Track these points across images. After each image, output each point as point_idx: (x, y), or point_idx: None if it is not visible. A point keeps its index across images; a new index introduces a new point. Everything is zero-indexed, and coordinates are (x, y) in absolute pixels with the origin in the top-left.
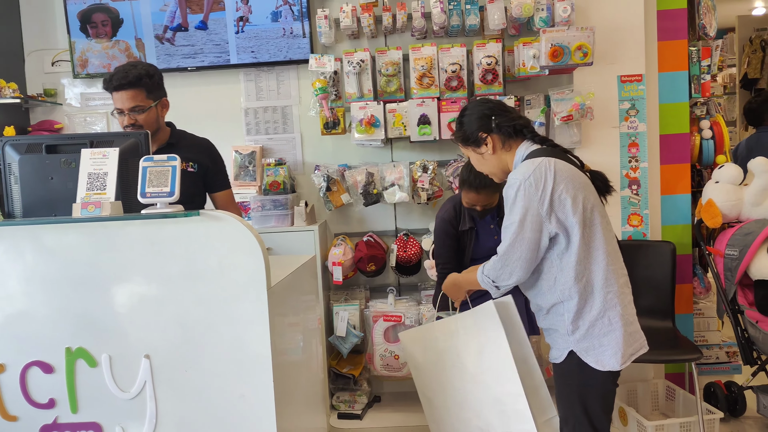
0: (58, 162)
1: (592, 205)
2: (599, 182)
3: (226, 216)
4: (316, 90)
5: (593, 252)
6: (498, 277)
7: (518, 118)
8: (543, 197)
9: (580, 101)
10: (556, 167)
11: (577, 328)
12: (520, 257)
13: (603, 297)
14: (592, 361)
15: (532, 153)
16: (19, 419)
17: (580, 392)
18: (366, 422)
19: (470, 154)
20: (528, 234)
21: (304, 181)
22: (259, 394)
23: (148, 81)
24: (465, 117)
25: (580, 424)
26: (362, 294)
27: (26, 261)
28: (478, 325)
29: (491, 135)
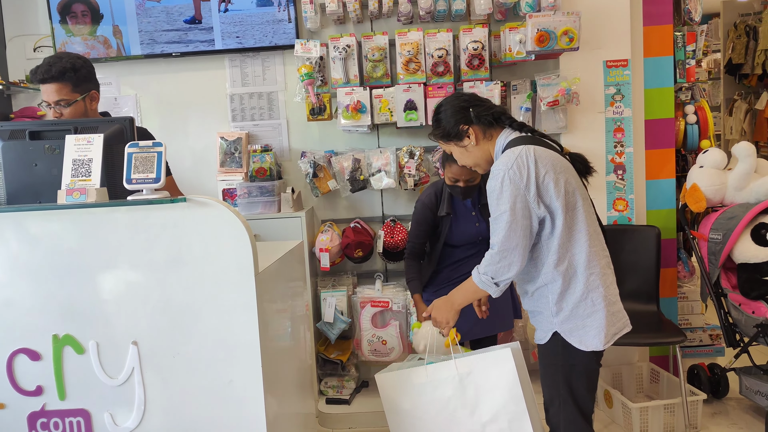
0: (42, 148)
1: (573, 188)
2: (579, 164)
3: (212, 202)
4: (302, 76)
5: (576, 234)
6: (497, 272)
7: (494, 107)
8: (528, 183)
9: (566, 86)
10: (536, 153)
11: (561, 310)
12: (518, 245)
13: (586, 278)
14: (575, 342)
15: (512, 141)
16: (6, 406)
17: (564, 372)
18: (354, 407)
19: (453, 149)
20: (521, 221)
21: (291, 167)
22: (248, 379)
23: (73, 75)
24: (441, 113)
25: (565, 403)
26: (350, 280)
27: (11, 248)
28: (486, 375)
29: (472, 126)
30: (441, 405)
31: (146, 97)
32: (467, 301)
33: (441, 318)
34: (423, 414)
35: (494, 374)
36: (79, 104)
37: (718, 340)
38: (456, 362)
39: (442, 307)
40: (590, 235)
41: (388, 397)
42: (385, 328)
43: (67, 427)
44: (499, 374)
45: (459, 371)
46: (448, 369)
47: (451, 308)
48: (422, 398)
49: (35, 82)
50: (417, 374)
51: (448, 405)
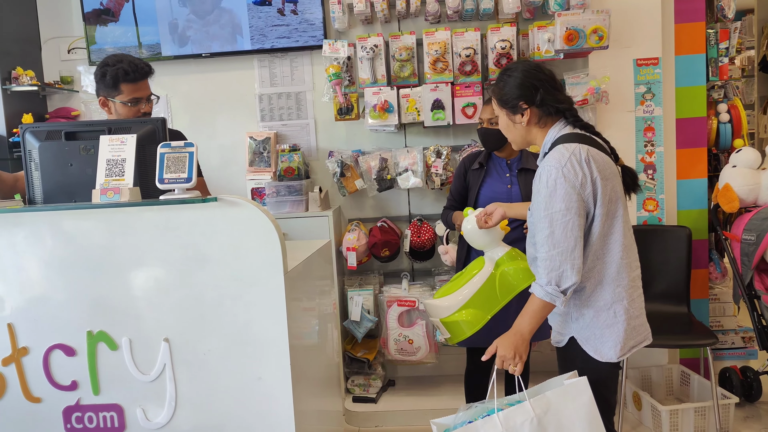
0: (77, 149)
1: (617, 196)
2: (629, 178)
3: (243, 202)
4: (330, 76)
5: (610, 244)
6: (561, 278)
7: (564, 100)
8: (585, 181)
9: (596, 85)
10: (590, 153)
11: (582, 316)
12: (576, 245)
13: (612, 289)
14: (591, 350)
15: (564, 136)
16: (42, 401)
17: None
18: (381, 405)
19: (500, 115)
20: (576, 220)
21: (318, 166)
22: (277, 376)
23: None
24: (511, 77)
25: None
26: (376, 279)
27: (47, 246)
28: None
29: (531, 108)
30: None
31: (176, 97)
32: (536, 324)
33: (508, 353)
34: None
35: (573, 408)
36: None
37: (751, 343)
38: (531, 403)
39: (509, 340)
40: (625, 247)
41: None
42: (412, 328)
43: (101, 422)
44: (577, 407)
45: (536, 412)
46: (523, 412)
47: (522, 339)
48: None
49: (130, 81)
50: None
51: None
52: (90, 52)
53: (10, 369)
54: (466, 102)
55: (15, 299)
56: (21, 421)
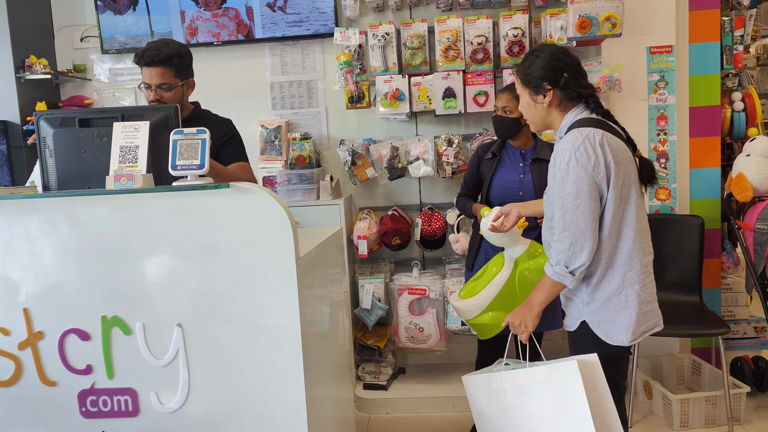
0: (90, 135)
1: (631, 181)
2: (646, 170)
3: (255, 188)
4: (341, 64)
5: (623, 229)
6: (570, 259)
7: (587, 86)
8: (597, 165)
9: (608, 73)
10: (605, 137)
11: (593, 300)
12: (587, 228)
13: (623, 274)
14: (602, 334)
15: (581, 120)
16: (58, 384)
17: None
18: (391, 393)
19: (522, 95)
20: (588, 203)
21: (330, 155)
22: (289, 362)
23: (178, 61)
24: (538, 57)
25: None
26: (387, 267)
27: (61, 233)
28: (554, 386)
29: (555, 89)
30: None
31: None
32: (548, 299)
33: (515, 320)
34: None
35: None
36: (178, 90)
37: (764, 333)
38: (529, 371)
39: (519, 310)
40: (637, 232)
41: (472, 398)
42: (423, 316)
43: (115, 405)
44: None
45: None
46: (517, 378)
47: (530, 310)
48: (497, 404)
49: (141, 64)
50: (498, 379)
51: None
52: (102, 41)
53: (26, 353)
54: (477, 90)
55: (30, 284)
56: (37, 404)
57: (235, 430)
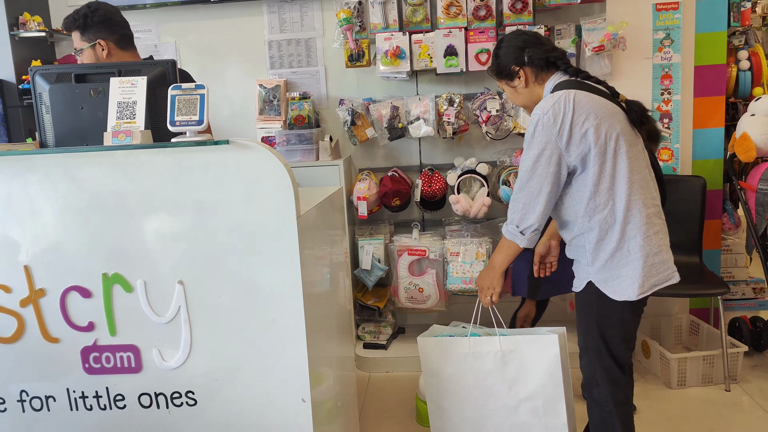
0: (87, 91)
1: (617, 134)
2: (634, 113)
3: (255, 145)
4: (341, 21)
5: (616, 183)
6: (521, 219)
7: (552, 50)
8: (562, 130)
9: (613, 31)
10: (576, 99)
11: (596, 259)
12: (540, 192)
13: (622, 228)
14: (609, 292)
15: (558, 85)
16: (60, 341)
17: (598, 321)
18: (391, 352)
19: (504, 88)
20: (545, 168)
21: (329, 115)
22: (290, 320)
23: (82, 22)
24: (501, 50)
25: (599, 353)
26: (387, 229)
27: (59, 190)
28: (529, 355)
29: (524, 68)
30: (480, 376)
31: (185, 44)
32: (507, 259)
33: (484, 284)
34: (461, 381)
35: (538, 357)
36: (88, 53)
37: (762, 294)
38: (500, 339)
39: (483, 274)
40: (632, 184)
41: (429, 360)
42: (422, 276)
43: (118, 362)
44: (543, 358)
45: (502, 347)
46: (491, 344)
47: (493, 272)
48: (462, 366)
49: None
50: (459, 344)
51: (487, 377)
52: None
53: (28, 310)
54: (479, 48)
55: (30, 242)
56: (41, 360)
57: (238, 386)
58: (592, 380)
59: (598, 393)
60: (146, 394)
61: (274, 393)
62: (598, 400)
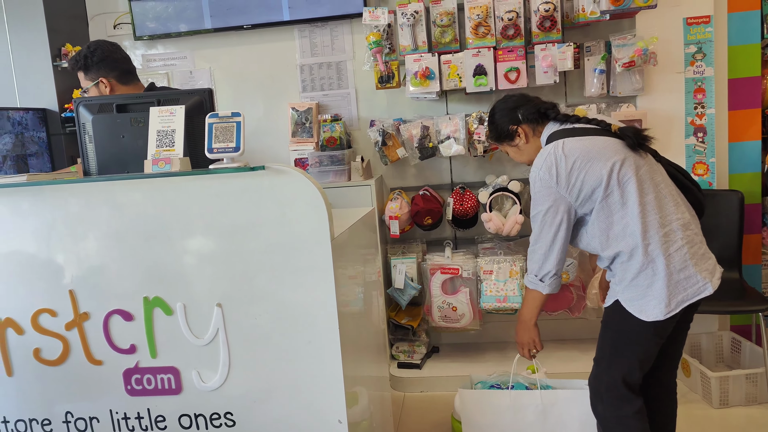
0: (128, 120)
1: (617, 166)
2: (630, 139)
3: (289, 170)
4: (370, 44)
5: (627, 211)
6: (540, 268)
7: (541, 103)
8: (559, 180)
9: (643, 46)
10: (564, 149)
11: (624, 279)
12: (555, 240)
13: (644, 250)
14: (636, 311)
15: (550, 136)
16: (104, 363)
17: (615, 338)
18: (425, 371)
19: (508, 150)
20: (553, 218)
21: (360, 136)
22: (325, 340)
23: (84, 63)
24: (495, 116)
25: (609, 368)
26: (419, 247)
27: (102, 217)
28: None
29: (521, 126)
30: (522, 428)
31: (219, 69)
32: (534, 310)
33: (524, 339)
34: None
35: (579, 411)
36: (93, 91)
37: None
38: (541, 393)
39: (519, 329)
40: (643, 207)
41: (468, 411)
42: (456, 295)
43: (158, 383)
44: (584, 411)
45: (543, 401)
46: (532, 397)
47: (525, 325)
48: (502, 419)
49: None
50: (500, 396)
51: (528, 429)
52: (135, 27)
53: (72, 333)
54: (509, 67)
55: (74, 267)
56: (85, 382)
57: (275, 407)
58: (596, 394)
59: (602, 409)
60: (186, 415)
61: (310, 414)
62: (602, 414)
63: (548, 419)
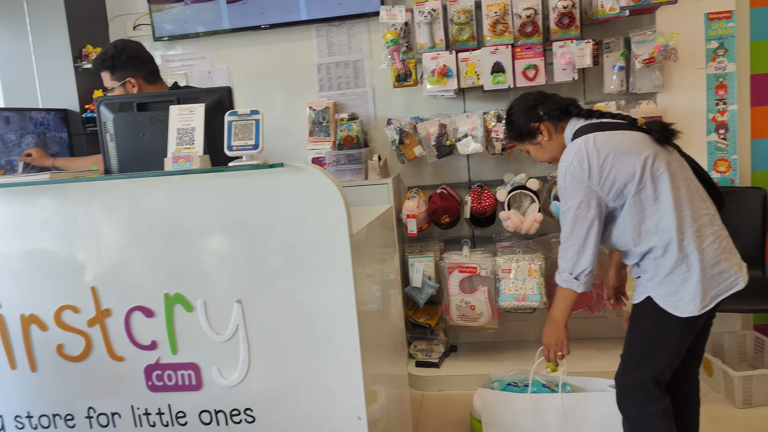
0: (148, 119)
1: (649, 160)
2: (657, 133)
3: (308, 167)
4: (388, 42)
5: (660, 206)
6: (574, 265)
7: (561, 99)
8: (591, 174)
9: (663, 42)
10: (596, 143)
11: (656, 275)
12: (588, 236)
13: (679, 245)
14: (670, 307)
15: (576, 132)
16: (125, 359)
17: (648, 334)
18: (443, 370)
19: (529, 148)
20: (586, 213)
21: (377, 135)
22: (345, 337)
23: (110, 62)
24: (513, 115)
25: (638, 364)
26: (437, 246)
27: (123, 214)
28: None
29: (542, 123)
30: (542, 430)
31: (237, 69)
32: (567, 309)
33: (551, 340)
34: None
35: (600, 413)
36: (119, 92)
37: None
38: (562, 396)
39: (548, 329)
40: (677, 201)
41: (489, 411)
42: (474, 294)
43: (179, 379)
44: (605, 414)
45: (564, 404)
46: (552, 400)
47: (557, 326)
48: (522, 422)
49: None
50: (519, 399)
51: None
52: (154, 28)
53: (95, 329)
54: (527, 64)
55: (96, 264)
56: (107, 378)
57: (294, 404)
58: (623, 392)
59: (629, 406)
60: (206, 411)
61: (329, 410)
62: (628, 412)
63: (569, 422)
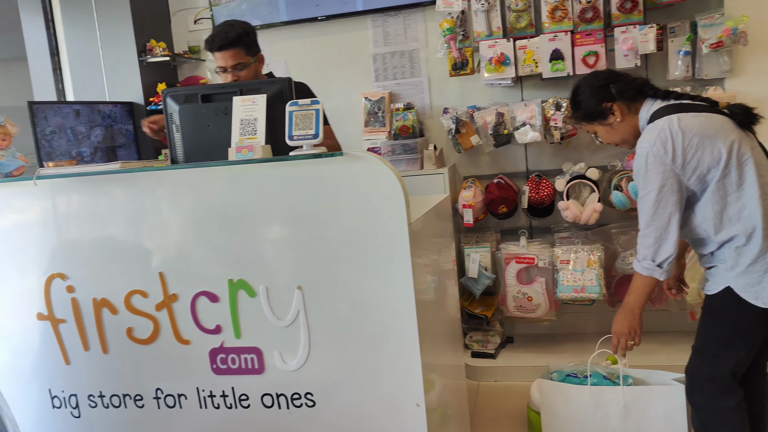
0: (213, 110)
1: (735, 145)
2: (740, 116)
3: (367, 156)
4: (444, 31)
5: (745, 192)
6: (656, 252)
7: (635, 79)
8: (675, 157)
9: (732, 25)
10: (681, 124)
11: (737, 265)
12: (670, 221)
13: (763, 233)
14: (751, 298)
15: (655, 113)
16: (191, 343)
17: (727, 326)
18: (500, 361)
19: (598, 129)
20: (668, 197)
21: (432, 124)
22: (403, 325)
23: (247, 39)
24: (580, 95)
25: (715, 357)
26: (493, 236)
27: (189, 202)
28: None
29: (615, 103)
30: (602, 425)
31: (294, 61)
32: (644, 297)
33: (624, 328)
34: (581, 429)
35: (663, 407)
36: (252, 66)
37: None
38: (623, 390)
39: (621, 316)
40: (763, 188)
41: (548, 401)
42: (531, 285)
43: (242, 363)
44: (668, 408)
45: (625, 398)
46: (613, 393)
47: (632, 315)
48: (582, 414)
49: (213, 50)
50: (579, 391)
51: (609, 426)
52: (214, 22)
53: (162, 314)
54: (587, 51)
55: (163, 251)
56: (174, 360)
57: (354, 389)
58: (695, 384)
59: (700, 398)
60: (268, 394)
61: (388, 397)
62: (700, 405)
63: (631, 415)
